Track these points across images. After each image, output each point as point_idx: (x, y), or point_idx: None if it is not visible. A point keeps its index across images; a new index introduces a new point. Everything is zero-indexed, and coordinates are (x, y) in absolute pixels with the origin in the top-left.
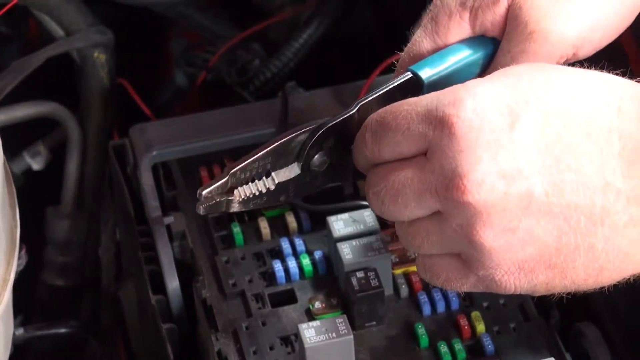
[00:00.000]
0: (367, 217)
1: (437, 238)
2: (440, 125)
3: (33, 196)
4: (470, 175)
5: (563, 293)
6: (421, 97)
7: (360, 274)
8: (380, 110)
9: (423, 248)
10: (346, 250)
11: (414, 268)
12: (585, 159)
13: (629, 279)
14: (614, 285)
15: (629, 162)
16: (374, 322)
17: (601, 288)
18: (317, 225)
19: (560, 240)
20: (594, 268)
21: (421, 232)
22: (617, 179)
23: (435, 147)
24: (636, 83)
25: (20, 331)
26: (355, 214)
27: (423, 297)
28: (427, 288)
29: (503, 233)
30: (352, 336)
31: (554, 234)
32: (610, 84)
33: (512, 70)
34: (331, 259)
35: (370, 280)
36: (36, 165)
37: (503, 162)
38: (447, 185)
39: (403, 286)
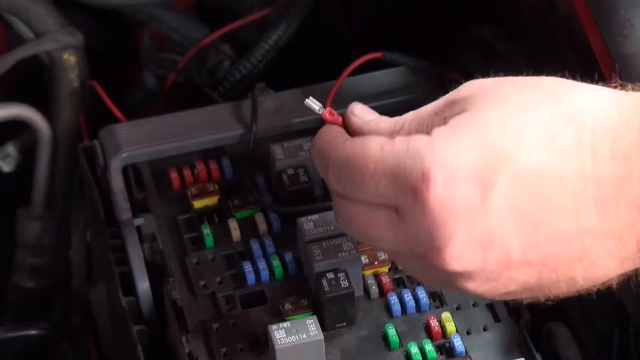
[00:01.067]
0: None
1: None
2: (411, 195)
3: (3, 198)
4: (447, 248)
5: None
6: (385, 153)
7: (330, 275)
8: (340, 156)
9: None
10: (316, 252)
11: (384, 269)
12: (559, 211)
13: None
14: None
15: (603, 202)
16: (345, 323)
17: None
18: (287, 226)
19: (542, 279)
20: (575, 288)
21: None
22: (592, 223)
23: (407, 215)
24: (606, 103)
25: None
26: (326, 215)
27: (393, 298)
28: (397, 289)
29: (486, 282)
30: (322, 337)
31: (535, 276)
32: (580, 115)
33: (478, 118)
34: (301, 260)
35: (341, 282)
36: (6, 167)
37: (478, 233)
38: (425, 253)
39: (373, 287)
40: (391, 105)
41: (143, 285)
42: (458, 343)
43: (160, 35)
